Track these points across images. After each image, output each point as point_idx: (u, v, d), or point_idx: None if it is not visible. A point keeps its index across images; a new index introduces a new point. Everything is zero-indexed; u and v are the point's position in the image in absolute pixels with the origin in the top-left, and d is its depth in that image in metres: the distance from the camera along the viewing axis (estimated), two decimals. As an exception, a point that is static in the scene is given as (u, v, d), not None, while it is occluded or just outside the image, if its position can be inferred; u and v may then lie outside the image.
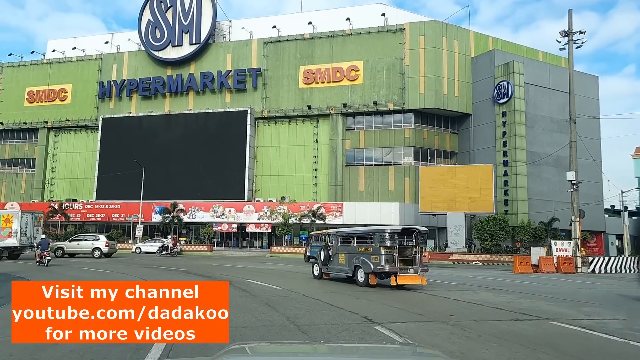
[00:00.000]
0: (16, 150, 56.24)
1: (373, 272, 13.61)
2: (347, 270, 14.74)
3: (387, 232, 13.54)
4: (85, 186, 51.97)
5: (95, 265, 23.91)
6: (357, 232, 15.63)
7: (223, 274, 17.98)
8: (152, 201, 46.41)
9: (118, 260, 29.23)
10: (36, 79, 55.36)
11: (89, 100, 53.00)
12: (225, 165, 46.13)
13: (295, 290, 13.31)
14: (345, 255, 14.97)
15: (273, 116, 46.60)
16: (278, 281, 15.75)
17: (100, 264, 25.01)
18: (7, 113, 55.72)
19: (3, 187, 55.93)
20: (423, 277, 13.85)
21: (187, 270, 20.32)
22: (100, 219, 48.72)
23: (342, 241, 15.70)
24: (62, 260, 29.25)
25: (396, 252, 13.44)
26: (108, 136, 50.85)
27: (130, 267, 23.06)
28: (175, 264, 25.37)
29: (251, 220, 43.69)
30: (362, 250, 14.23)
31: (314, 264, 17.16)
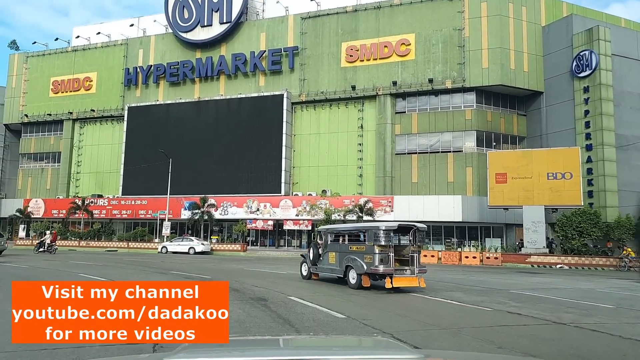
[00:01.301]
0: (41, 144, 53.35)
1: (366, 273, 12.45)
2: (337, 270, 13.65)
3: (381, 229, 12.45)
4: (111, 181, 48.41)
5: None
6: (349, 228, 14.94)
7: (256, 285, 13.02)
8: (181, 196, 42.24)
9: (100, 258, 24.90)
10: (61, 68, 52.28)
11: (115, 89, 49.41)
12: (260, 156, 41.46)
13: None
14: (336, 255, 13.87)
15: (312, 100, 41.57)
16: (335, 303, 10.72)
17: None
18: (32, 105, 52.92)
19: (29, 183, 53.15)
20: (421, 278, 12.57)
21: (211, 278, 15.50)
22: (126, 216, 44.94)
23: (333, 239, 14.57)
24: None
25: (391, 252, 12.32)
26: (134, 126, 47.08)
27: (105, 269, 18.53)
28: (202, 268, 20.69)
29: (289, 217, 38.80)
30: (354, 248, 13.17)
31: (302, 263, 15.84)
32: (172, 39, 47.51)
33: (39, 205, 48.20)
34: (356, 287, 12.62)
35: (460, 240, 36.39)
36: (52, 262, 22.53)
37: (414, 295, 11.95)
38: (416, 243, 12.96)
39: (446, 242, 35.99)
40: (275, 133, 41.30)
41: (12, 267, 18.99)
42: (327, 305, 9.70)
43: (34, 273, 16.76)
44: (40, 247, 31.39)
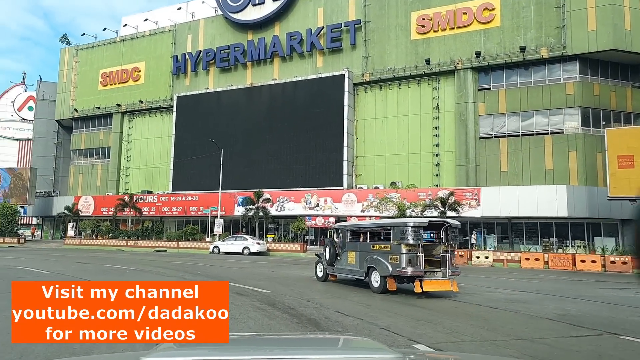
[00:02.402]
0: (91, 140, 51.38)
1: (391, 275, 11.14)
2: (358, 272, 12.48)
3: (409, 226, 10.99)
4: (161, 176, 45.46)
5: None
6: (371, 225, 13.54)
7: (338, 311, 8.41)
8: (234, 191, 38.43)
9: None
10: (110, 59, 50.02)
11: (163, 78, 46.42)
12: (319, 145, 36.86)
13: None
14: (355, 254, 12.67)
15: (377, 79, 36.46)
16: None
17: None
18: (81, 99, 51.07)
19: (80, 180, 51.32)
20: (454, 282, 11.08)
21: (271, 293, 10.90)
22: (177, 213, 41.65)
23: (352, 236, 13.33)
24: None
25: (421, 251, 10.95)
26: (184, 117, 43.80)
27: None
28: (257, 276, 16.24)
29: (353, 213, 33.90)
30: (378, 248, 11.89)
31: (317, 263, 14.65)
32: (221, 21, 43.83)
33: (89, 203, 46.00)
34: (380, 290, 11.42)
35: (561, 239, 30.15)
36: (66, 266, 18.88)
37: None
38: (449, 241, 11.61)
39: (543, 243, 29.87)
40: (336, 119, 36.54)
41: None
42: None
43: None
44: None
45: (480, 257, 26.08)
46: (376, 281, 11.61)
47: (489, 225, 31.96)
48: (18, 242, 43.68)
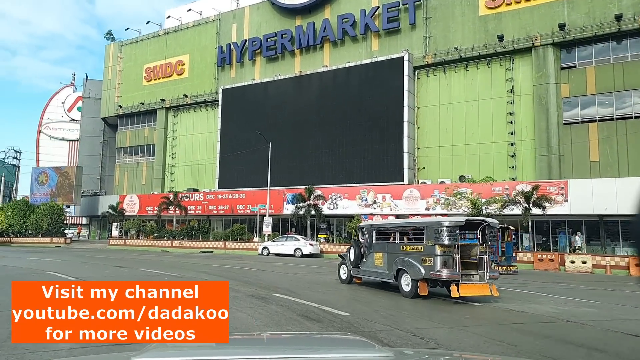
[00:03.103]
0: (136, 137, 50.07)
1: (424, 278, 10.42)
2: (385, 274, 11.72)
3: (444, 225, 10.24)
4: (207, 173, 43.38)
5: None
6: (401, 224, 12.55)
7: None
8: (283, 188, 35.66)
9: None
10: (153, 53, 48.51)
11: (208, 71, 44.33)
12: (376, 136, 33.52)
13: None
14: (383, 255, 11.89)
15: (441, 61, 32.72)
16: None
17: None
18: (126, 96, 49.86)
19: (125, 179, 50.14)
20: (493, 285, 10.25)
21: (349, 315, 7.81)
22: (224, 212, 39.34)
23: (380, 236, 12.46)
24: None
25: (457, 253, 10.10)
26: (229, 111, 41.50)
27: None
28: (319, 286, 13.19)
29: (416, 211, 30.33)
30: (409, 249, 11.11)
31: (341, 264, 13.78)
32: (267, 7, 41.21)
33: (134, 202, 44.53)
34: (411, 295, 10.62)
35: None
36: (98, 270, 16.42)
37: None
38: (487, 242, 10.76)
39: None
40: (394, 106, 33.06)
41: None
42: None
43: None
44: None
45: (575, 261, 22.01)
46: (407, 285, 10.87)
47: (574, 224, 27.61)
48: (64, 242, 42.75)
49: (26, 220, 44.33)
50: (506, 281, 15.00)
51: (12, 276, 14.50)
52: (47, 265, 19.15)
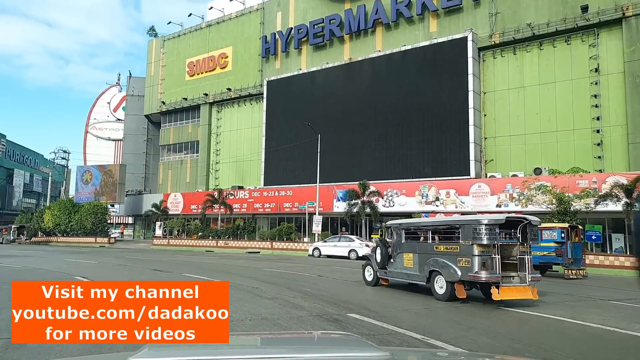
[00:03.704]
0: (180, 134, 48.75)
1: (461, 280, 9.73)
2: (416, 276, 11.01)
3: (483, 224, 9.49)
4: (252, 170, 41.34)
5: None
6: (434, 223, 11.73)
7: None
8: (332, 184, 33.03)
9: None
10: (196, 47, 47.01)
11: (252, 63, 42.30)
12: (436, 126, 30.33)
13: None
14: (413, 256, 11.18)
15: (510, 40, 29.19)
16: None
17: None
18: (169, 92, 48.63)
19: (169, 177, 48.92)
20: (534, 288, 9.55)
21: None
22: (270, 210, 37.10)
23: (409, 236, 11.77)
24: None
25: (497, 253, 9.52)
26: (274, 104, 39.25)
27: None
28: (393, 298, 10.46)
29: (486, 208, 26.92)
30: (443, 249, 10.44)
31: (366, 266, 12.91)
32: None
33: (178, 200, 43.05)
34: (446, 298, 9.90)
35: None
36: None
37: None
38: (527, 241, 9.97)
39: None
40: (457, 92, 29.78)
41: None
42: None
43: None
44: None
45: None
46: (441, 287, 10.26)
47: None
48: (108, 242, 41.74)
49: (71, 219, 43.68)
50: (572, 287, 13.46)
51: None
52: (80, 267, 17.22)
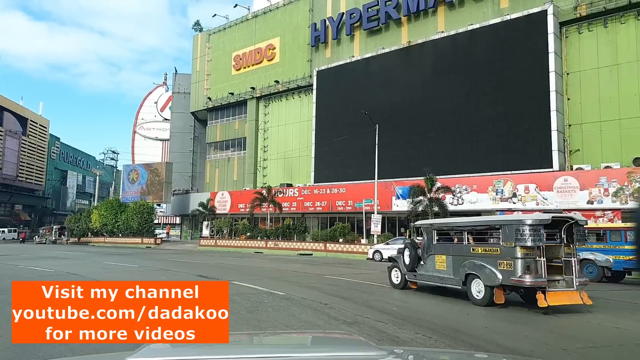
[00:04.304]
0: (226, 131, 47.00)
1: (501, 285, 9.13)
2: (450, 279, 10.33)
3: (527, 224, 8.83)
4: (301, 166, 38.92)
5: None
6: (470, 223, 10.78)
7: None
8: (390, 180, 30.03)
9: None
10: (242, 39, 45.09)
11: (300, 53, 39.87)
12: (511, 112, 26.79)
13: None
14: (447, 258, 10.56)
15: (600, 11, 25.28)
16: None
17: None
18: (215, 87, 46.99)
19: (216, 175, 47.26)
20: (583, 292, 8.88)
21: None
22: (321, 209, 34.50)
23: (441, 237, 11.19)
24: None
25: (542, 255, 8.92)
26: (325, 95, 36.62)
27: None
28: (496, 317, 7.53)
29: (574, 204, 23.15)
30: (481, 251, 9.83)
31: (392, 268, 12.35)
32: (367, -27, 35.77)
33: (225, 199, 41.20)
34: (484, 303, 9.32)
35: None
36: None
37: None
38: (574, 242, 9.37)
39: None
40: (535, 74, 26.09)
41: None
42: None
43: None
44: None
45: None
46: (478, 291, 9.49)
47: None
48: (155, 242, 40.40)
49: (118, 219, 42.68)
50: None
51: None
52: (117, 273, 15.11)
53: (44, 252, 28.41)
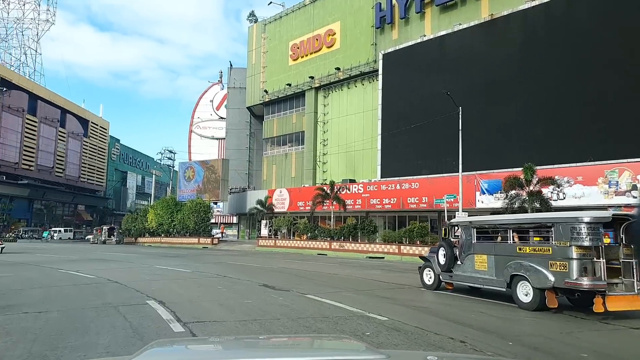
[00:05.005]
0: (283, 125, 44.44)
1: (554, 287, 8.33)
2: (492, 280, 9.59)
3: (584, 222, 8.08)
4: (365, 160, 35.64)
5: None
6: (516, 220, 10.06)
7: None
8: (474, 173, 26.09)
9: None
10: (299, 27, 42.38)
11: (363, 37, 36.58)
12: (624, 88, 22.17)
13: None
14: (489, 258, 9.79)
15: None
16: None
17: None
18: (272, 79, 44.57)
19: (273, 172, 44.82)
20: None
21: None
22: (390, 206, 30.99)
23: (481, 235, 10.42)
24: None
25: (602, 257, 8.14)
26: (392, 80, 33.09)
27: None
28: None
29: None
30: (529, 251, 9.00)
31: (424, 268, 11.77)
32: (439, -58, 31.93)
33: (284, 197, 38.51)
34: (533, 307, 8.57)
35: None
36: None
37: None
38: (636, 243, 7.16)
39: None
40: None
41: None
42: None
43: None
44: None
45: None
46: (526, 294, 8.82)
47: None
48: (211, 242, 38.35)
49: (174, 218, 41.03)
50: None
51: (80, 311, 7.61)
52: (165, 282, 12.41)
53: (95, 253, 26.71)
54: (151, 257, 23.20)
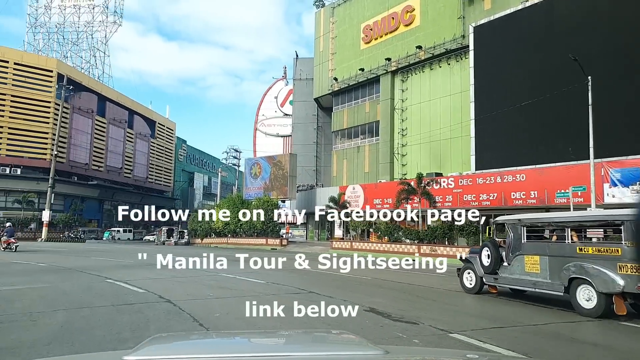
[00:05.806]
0: (355, 115, 40.69)
1: (623, 292, 7.60)
2: (547, 284, 8.85)
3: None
4: (454, 150, 31.17)
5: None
6: (575, 218, 9.08)
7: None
8: (600, 160, 21.00)
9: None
10: (372, 7, 38.55)
11: (448, 11, 32.11)
12: None
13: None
14: (542, 259, 9.04)
15: None
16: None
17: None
18: (341, 66, 41.00)
19: (344, 167, 41.16)
20: None
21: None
22: (488, 203, 26.26)
23: (532, 234, 9.59)
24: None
25: None
26: (486, 56, 28.39)
27: None
28: None
29: None
30: (592, 251, 8.24)
31: (464, 270, 10.97)
32: None
33: (357, 194, 34.69)
34: (597, 314, 7.88)
35: None
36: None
37: None
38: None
39: None
40: None
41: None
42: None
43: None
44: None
45: None
46: (588, 300, 8.16)
47: None
48: (280, 243, 35.31)
49: (242, 217, 38.28)
50: None
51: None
52: (236, 297, 9.05)
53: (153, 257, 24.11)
54: (217, 260, 20.17)
